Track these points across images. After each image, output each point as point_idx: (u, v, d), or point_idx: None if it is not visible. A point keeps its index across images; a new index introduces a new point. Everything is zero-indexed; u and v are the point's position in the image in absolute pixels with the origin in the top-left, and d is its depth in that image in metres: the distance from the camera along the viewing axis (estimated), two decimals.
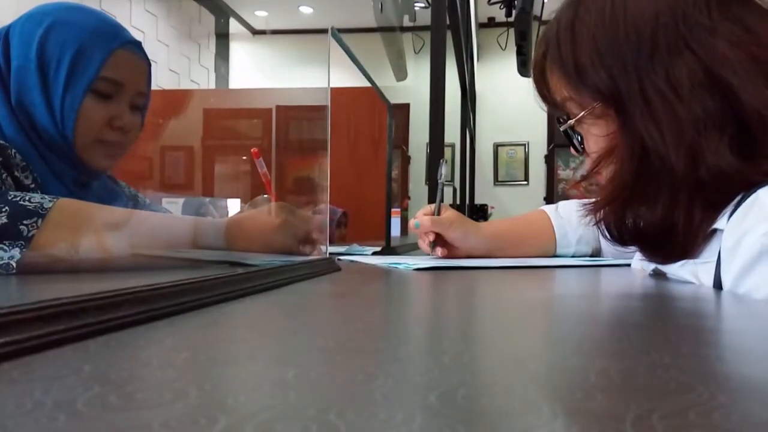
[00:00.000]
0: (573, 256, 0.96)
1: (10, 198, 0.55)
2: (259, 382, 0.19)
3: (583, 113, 0.63)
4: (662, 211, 0.58)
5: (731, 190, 0.54)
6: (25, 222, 0.53)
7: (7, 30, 0.77)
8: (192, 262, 0.69)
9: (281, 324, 0.34)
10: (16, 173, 0.70)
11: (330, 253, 0.76)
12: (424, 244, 0.93)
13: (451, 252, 0.92)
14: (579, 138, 0.68)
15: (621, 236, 0.62)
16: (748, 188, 0.53)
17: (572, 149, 0.70)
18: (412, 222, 0.94)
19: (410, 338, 0.29)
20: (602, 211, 0.61)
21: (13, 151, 0.71)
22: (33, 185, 0.72)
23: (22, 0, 0.83)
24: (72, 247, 0.55)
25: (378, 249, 1.10)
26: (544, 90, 0.69)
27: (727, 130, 0.53)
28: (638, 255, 0.69)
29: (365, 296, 0.48)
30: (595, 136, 0.64)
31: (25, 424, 0.15)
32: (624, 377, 0.20)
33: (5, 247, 0.51)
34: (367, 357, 0.23)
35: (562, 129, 0.68)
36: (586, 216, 0.63)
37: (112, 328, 0.27)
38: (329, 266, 0.65)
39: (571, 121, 0.66)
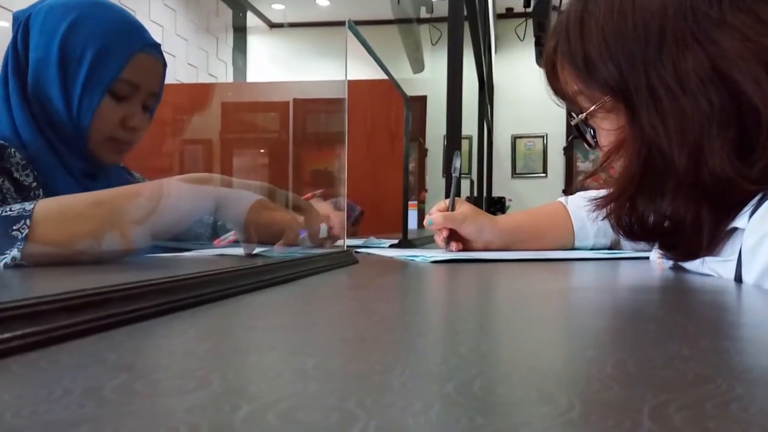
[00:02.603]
0: (592, 249, 0.95)
1: None
2: (279, 372, 0.19)
3: (593, 107, 0.63)
4: (669, 209, 0.57)
5: (732, 192, 0.54)
6: (14, 227, 0.53)
7: (28, 17, 0.77)
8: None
9: (300, 315, 0.34)
10: (15, 174, 0.71)
11: (347, 246, 0.76)
12: (439, 239, 0.93)
13: (467, 246, 0.92)
14: (592, 132, 0.67)
15: (631, 231, 0.62)
16: (748, 190, 0.52)
17: (585, 143, 0.70)
18: (426, 219, 0.94)
19: (427, 330, 0.29)
20: (611, 206, 0.61)
21: (13, 150, 0.71)
22: (34, 183, 0.73)
23: None
24: (69, 235, 0.55)
25: (395, 242, 1.10)
26: (555, 83, 0.68)
27: (730, 129, 0.53)
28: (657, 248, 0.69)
29: (382, 288, 0.49)
30: (606, 130, 0.63)
31: (55, 410, 0.15)
32: (641, 369, 0.20)
33: (5, 254, 0.52)
34: (385, 347, 0.23)
35: (573, 123, 0.68)
36: (594, 211, 0.63)
37: (136, 319, 0.27)
38: (347, 259, 0.66)
39: (582, 115, 0.65)
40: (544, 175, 5.90)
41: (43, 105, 0.77)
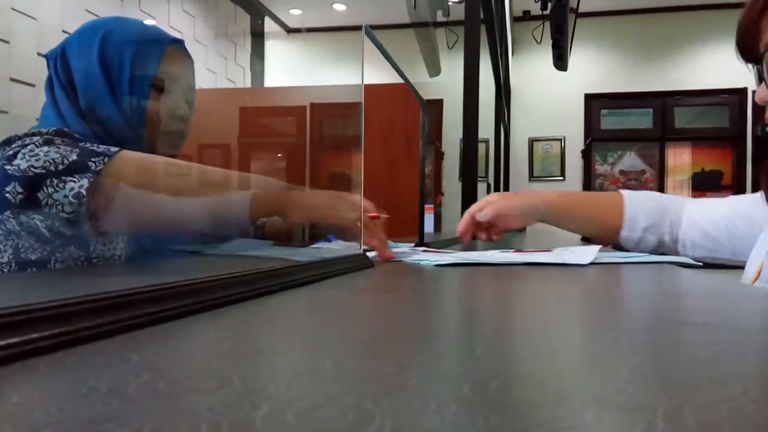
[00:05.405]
0: (637, 243, 0.91)
1: (80, 145, 0.64)
2: (298, 372, 0.19)
3: None
4: None
5: None
6: (93, 159, 0.62)
7: (63, 48, 0.84)
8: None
9: (319, 317, 0.34)
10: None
11: (364, 250, 0.77)
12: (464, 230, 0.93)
13: (507, 224, 0.92)
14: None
15: None
16: None
17: (759, 91, 0.67)
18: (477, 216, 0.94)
19: (443, 331, 0.29)
20: None
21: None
22: None
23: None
24: (137, 181, 0.64)
25: (411, 245, 1.10)
26: (752, 30, 0.65)
27: None
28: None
29: (399, 291, 0.49)
30: None
31: (82, 408, 0.16)
32: (657, 372, 0.20)
33: (75, 179, 0.60)
34: (401, 349, 0.24)
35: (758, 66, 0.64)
36: None
37: (158, 320, 0.28)
38: (363, 262, 0.66)
39: None
40: (561, 178, 5.85)
41: (98, 115, 0.83)
